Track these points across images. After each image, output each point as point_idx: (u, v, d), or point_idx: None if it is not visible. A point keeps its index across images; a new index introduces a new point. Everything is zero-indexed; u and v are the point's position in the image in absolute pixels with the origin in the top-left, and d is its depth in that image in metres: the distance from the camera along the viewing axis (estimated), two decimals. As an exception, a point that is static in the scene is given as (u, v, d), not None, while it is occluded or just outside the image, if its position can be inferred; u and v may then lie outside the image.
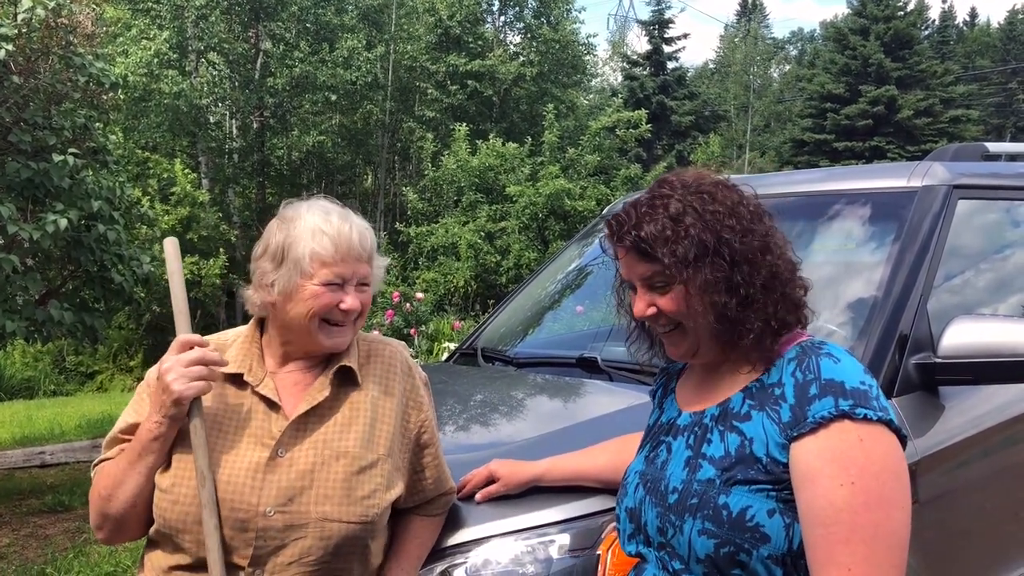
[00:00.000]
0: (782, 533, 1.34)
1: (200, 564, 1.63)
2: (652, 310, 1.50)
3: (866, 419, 1.31)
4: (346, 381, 1.78)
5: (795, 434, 1.34)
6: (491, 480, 1.94)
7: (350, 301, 1.71)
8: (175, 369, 1.61)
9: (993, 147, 3.10)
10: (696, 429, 1.50)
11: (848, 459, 1.29)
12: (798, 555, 1.35)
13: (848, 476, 1.28)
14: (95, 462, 1.78)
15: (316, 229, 1.69)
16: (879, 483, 1.29)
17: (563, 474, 1.92)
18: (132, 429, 1.73)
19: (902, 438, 1.35)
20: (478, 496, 1.93)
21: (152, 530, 1.70)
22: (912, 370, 2.26)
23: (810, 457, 1.31)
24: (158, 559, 1.70)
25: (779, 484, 1.35)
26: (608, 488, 1.87)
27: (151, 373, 1.80)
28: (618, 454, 1.87)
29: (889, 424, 1.33)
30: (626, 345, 1.70)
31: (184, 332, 1.70)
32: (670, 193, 1.50)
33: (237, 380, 1.74)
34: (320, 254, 1.68)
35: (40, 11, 5.13)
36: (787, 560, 1.35)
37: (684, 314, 1.47)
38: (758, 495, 1.36)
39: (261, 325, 1.83)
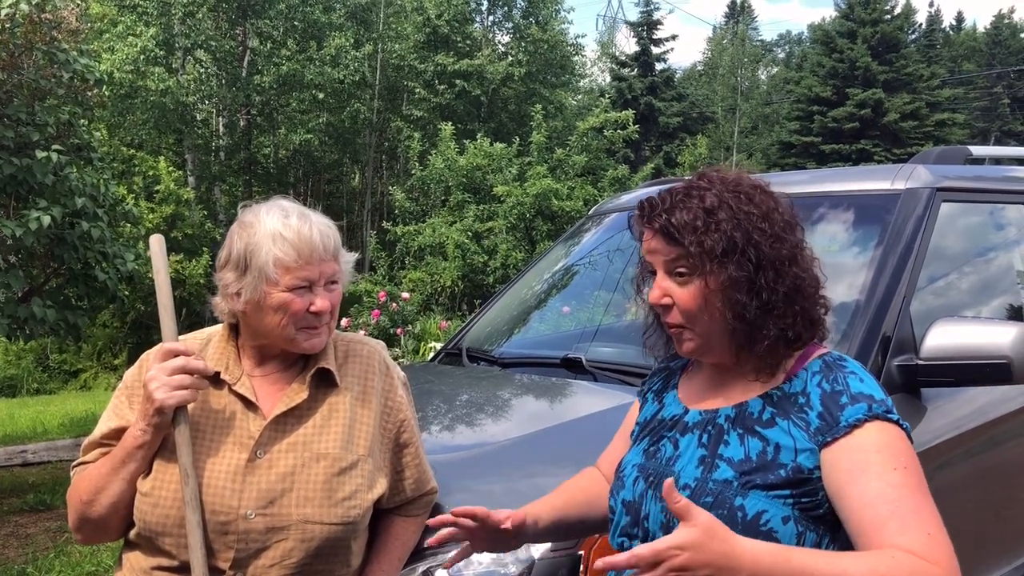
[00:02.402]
0: (793, 540, 1.34)
1: (181, 567, 1.62)
2: (667, 300, 1.45)
3: (899, 424, 1.35)
4: (324, 382, 1.76)
5: (829, 439, 1.34)
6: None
7: (320, 303, 1.68)
8: (158, 378, 1.60)
9: (977, 150, 3.12)
10: (710, 428, 1.47)
11: (895, 448, 1.32)
12: None
13: (900, 462, 1.31)
14: (74, 464, 1.77)
15: (276, 234, 1.65)
16: (923, 473, 1.33)
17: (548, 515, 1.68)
18: (112, 434, 1.72)
19: None
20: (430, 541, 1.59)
21: (132, 533, 1.69)
22: (895, 371, 2.27)
23: (853, 454, 1.32)
24: (138, 560, 1.69)
25: (797, 491, 1.35)
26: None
27: (128, 376, 1.79)
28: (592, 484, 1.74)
29: (909, 438, 1.37)
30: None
31: (169, 333, 1.68)
32: (708, 186, 1.47)
33: (214, 378, 1.72)
34: (283, 260, 1.64)
35: (24, 6, 5.08)
36: None
37: (700, 309, 1.43)
38: (775, 501, 1.35)
39: (234, 325, 1.81)
